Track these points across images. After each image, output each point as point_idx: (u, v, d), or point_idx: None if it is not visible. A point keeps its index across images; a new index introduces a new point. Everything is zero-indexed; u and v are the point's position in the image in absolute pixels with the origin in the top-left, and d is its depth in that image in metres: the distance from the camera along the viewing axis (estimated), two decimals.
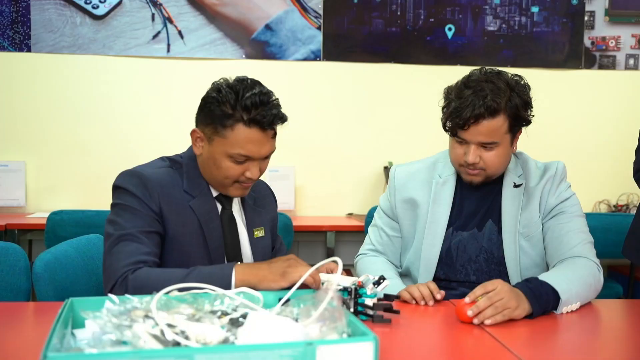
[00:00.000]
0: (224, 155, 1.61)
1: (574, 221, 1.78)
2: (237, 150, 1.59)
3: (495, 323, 1.43)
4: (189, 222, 1.64)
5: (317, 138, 4.04)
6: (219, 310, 1.20)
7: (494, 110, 1.70)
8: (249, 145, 1.59)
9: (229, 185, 1.66)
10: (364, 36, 4.06)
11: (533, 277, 1.57)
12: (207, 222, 1.67)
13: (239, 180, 1.65)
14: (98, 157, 3.73)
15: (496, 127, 1.72)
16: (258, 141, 1.60)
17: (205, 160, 1.66)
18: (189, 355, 0.98)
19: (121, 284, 1.46)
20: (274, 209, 1.91)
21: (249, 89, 1.58)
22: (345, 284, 1.49)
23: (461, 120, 1.70)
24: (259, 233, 1.79)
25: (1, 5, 3.78)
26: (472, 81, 1.74)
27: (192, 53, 3.92)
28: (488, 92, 1.69)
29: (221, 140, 1.60)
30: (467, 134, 1.73)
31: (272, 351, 1.01)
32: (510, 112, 1.73)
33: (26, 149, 3.80)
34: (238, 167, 1.62)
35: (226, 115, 1.57)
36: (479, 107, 1.68)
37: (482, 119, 1.70)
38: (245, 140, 1.58)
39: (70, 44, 3.83)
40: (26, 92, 3.82)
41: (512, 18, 4.17)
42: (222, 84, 1.62)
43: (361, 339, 1.06)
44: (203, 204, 1.68)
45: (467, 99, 1.70)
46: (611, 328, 1.56)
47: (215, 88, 1.62)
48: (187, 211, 1.65)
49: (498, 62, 4.13)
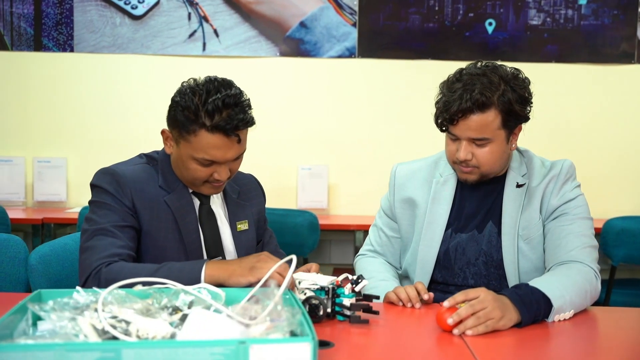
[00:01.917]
0: (190, 158, 1.59)
1: (577, 223, 1.67)
2: (202, 155, 1.56)
3: (477, 334, 1.34)
4: (164, 217, 1.64)
5: (351, 136, 3.99)
6: (171, 307, 1.19)
7: (482, 105, 1.62)
8: (212, 151, 1.56)
9: (199, 185, 1.66)
10: (400, 32, 3.98)
11: (523, 284, 1.48)
12: (183, 216, 1.67)
13: (208, 181, 1.64)
14: (135, 154, 3.81)
15: (486, 123, 1.64)
16: (222, 146, 1.56)
17: (175, 159, 1.66)
18: (115, 349, 0.97)
19: (94, 277, 1.47)
20: (261, 202, 1.88)
21: (214, 92, 1.52)
22: (322, 284, 1.45)
23: (448, 114, 1.63)
24: (242, 226, 1.77)
25: (47, 7, 3.93)
26: (464, 75, 1.66)
27: (227, 51, 3.95)
28: (478, 85, 1.62)
29: (186, 144, 1.58)
30: (457, 130, 1.66)
31: (202, 348, 0.99)
32: (502, 107, 1.64)
33: (68, 146, 3.94)
34: (205, 170, 1.60)
35: (189, 121, 1.54)
36: (466, 100, 1.61)
37: (471, 113, 1.63)
38: (208, 146, 1.55)
39: (110, 43, 3.94)
40: (68, 91, 3.95)
41: (557, 11, 3.99)
42: (187, 87, 1.57)
43: (297, 340, 1.03)
44: (178, 198, 1.67)
45: (455, 92, 1.63)
46: (606, 337, 1.44)
47: (180, 91, 1.58)
48: (161, 206, 1.65)
49: (541, 57, 3.96)
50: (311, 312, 1.42)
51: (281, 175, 3.97)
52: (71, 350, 0.96)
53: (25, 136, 3.94)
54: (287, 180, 3.97)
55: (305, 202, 3.91)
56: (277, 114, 3.94)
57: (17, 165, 3.88)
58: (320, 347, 1.24)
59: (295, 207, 3.88)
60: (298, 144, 3.99)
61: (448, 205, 1.81)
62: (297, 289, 1.45)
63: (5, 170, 3.87)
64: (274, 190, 3.98)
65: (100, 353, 0.97)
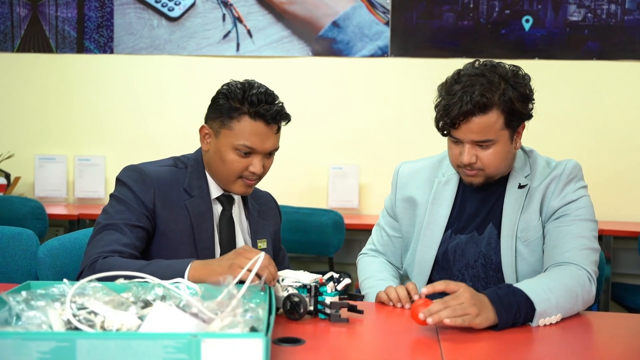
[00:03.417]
0: (229, 148, 1.67)
1: (576, 225, 1.60)
2: (242, 142, 1.65)
3: (454, 325, 1.30)
4: (181, 220, 1.69)
5: (383, 136, 3.96)
6: (143, 300, 1.22)
7: (484, 106, 1.57)
8: (253, 138, 1.66)
9: (232, 181, 1.71)
10: (433, 30, 3.93)
11: (506, 284, 1.43)
12: (199, 223, 1.71)
13: (242, 176, 1.70)
14: (172, 153, 3.89)
15: (489, 124, 1.59)
16: (262, 134, 1.67)
17: (212, 155, 1.72)
18: (70, 339, 1.00)
19: (89, 269, 1.52)
20: (277, 222, 1.93)
21: (257, 87, 1.69)
22: (305, 281, 1.46)
23: (449, 118, 1.60)
24: (262, 245, 1.83)
25: (89, 11, 4.08)
26: (462, 76, 1.62)
27: (260, 51, 3.99)
28: (478, 87, 1.57)
29: (227, 132, 1.67)
30: (459, 133, 1.62)
31: (155, 341, 1.01)
32: (504, 107, 1.59)
33: (106, 144, 4.07)
34: (242, 161, 1.67)
35: (233, 108, 1.67)
36: (467, 103, 1.56)
37: (472, 115, 1.58)
38: (249, 132, 1.66)
39: (148, 45, 4.05)
40: (108, 91, 4.09)
41: (599, 6, 3.85)
42: (232, 82, 1.74)
43: (249, 335, 1.03)
44: (198, 204, 1.72)
45: (455, 95, 1.59)
46: (594, 344, 1.37)
47: (225, 84, 1.74)
48: (181, 210, 1.70)
49: (581, 54, 3.83)
50: (292, 309, 1.42)
51: (312, 175, 3.99)
52: (28, 339, 0.99)
53: (67, 135, 4.10)
54: (318, 180, 3.98)
55: (335, 201, 3.92)
56: (309, 113, 3.95)
57: (60, 163, 4.04)
58: (289, 344, 1.24)
59: (326, 206, 3.88)
60: (329, 143, 4.00)
61: (449, 205, 1.77)
62: (280, 286, 1.46)
63: (49, 167, 4.04)
64: (305, 189, 4.00)
65: (55, 343, 1.00)
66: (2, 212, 3.22)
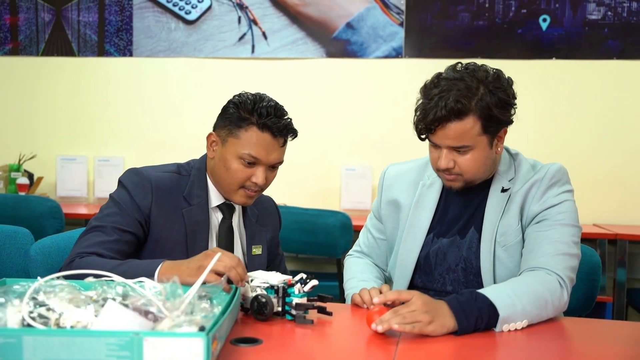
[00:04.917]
0: (235, 156, 1.69)
1: (555, 229, 1.56)
2: (247, 151, 1.67)
3: (404, 331, 1.29)
4: (176, 228, 1.71)
5: (397, 137, 3.94)
6: (103, 299, 1.25)
7: (459, 112, 1.55)
8: (258, 148, 1.67)
9: (234, 190, 1.72)
10: (448, 31, 3.89)
11: (468, 290, 1.40)
12: (194, 232, 1.73)
13: (244, 186, 1.71)
14: (189, 154, 3.96)
15: (465, 130, 1.57)
16: (268, 145, 1.68)
17: (217, 162, 1.74)
18: (17, 335, 1.04)
19: (67, 266, 1.56)
20: (275, 227, 1.94)
21: (266, 100, 1.72)
22: (273, 282, 1.47)
23: (425, 123, 1.58)
24: (256, 251, 1.84)
25: (109, 15, 4.17)
26: (442, 79, 1.60)
27: (275, 53, 4.02)
28: (454, 92, 1.54)
29: (234, 140, 1.69)
30: (436, 138, 1.61)
31: (98, 338, 1.04)
32: (481, 113, 1.56)
33: (124, 145, 4.16)
34: (246, 170, 1.69)
35: (242, 118, 1.69)
36: (442, 108, 1.54)
37: (447, 121, 1.56)
38: (256, 143, 1.68)
39: (166, 47, 4.12)
40: (127, 94, 4.18)
41: (619, 4, 3.75)
42: (243, 93, 1.76)
43: (190, 335, 1.05)
44: (196, 213, 1.74)
45: (432, 99, 1.57)
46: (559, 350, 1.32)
47: (237, 95, 1.76)
48: (178, 217, 1.72)
49: (601, 54, 3.74)
50: (259, 310, 1.44)
51: (325, 176, 4.00)
52: None
53: (87, 136, 4.21)
54: (331, 181, 3.99)
55: (349, 203, 3.92)
56: (323, 114, 3.96)
57: (81, 163, 4.14)
58: (246, 344, 1.26)
59: (339, 208, 3.89)
60: (343, 144, 4.00)
61: (431, 209, 1.76)
62: (250, 287, 1.47)
63: (70, 168, 4.15)
64: (318, 191, 4.01)
65: (3, 339, 1.03)
66: (21, 211, 3.33)
